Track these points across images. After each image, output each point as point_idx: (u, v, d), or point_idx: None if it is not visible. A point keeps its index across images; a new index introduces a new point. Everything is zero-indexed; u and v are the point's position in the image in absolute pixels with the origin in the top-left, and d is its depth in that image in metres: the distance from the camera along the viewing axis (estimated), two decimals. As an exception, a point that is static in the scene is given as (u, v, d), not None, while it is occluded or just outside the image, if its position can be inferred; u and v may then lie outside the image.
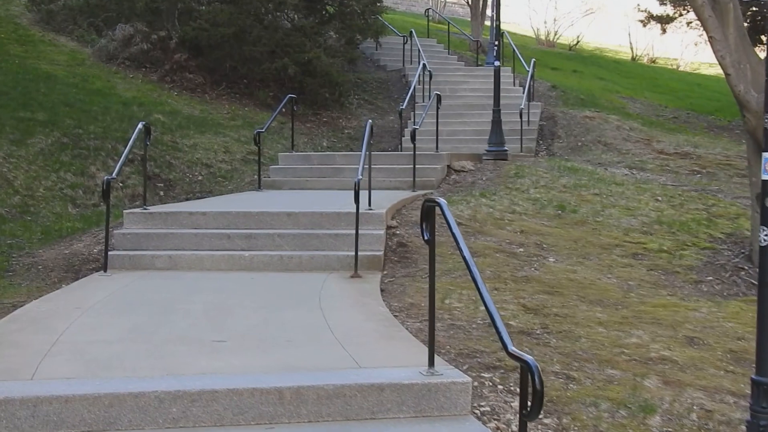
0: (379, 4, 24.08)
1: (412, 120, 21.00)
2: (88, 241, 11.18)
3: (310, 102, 21.70)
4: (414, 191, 14.31)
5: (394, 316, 7.99)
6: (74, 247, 10.94)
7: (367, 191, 11.35)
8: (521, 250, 11.00)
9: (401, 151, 18.87)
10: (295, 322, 7.35)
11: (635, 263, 10.93)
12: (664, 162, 18.92)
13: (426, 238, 5.78)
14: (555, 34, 43.91)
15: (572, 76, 31.73)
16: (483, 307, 8.36)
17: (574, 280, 9.86)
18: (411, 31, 26.95)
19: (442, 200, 5.70)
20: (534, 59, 23.58)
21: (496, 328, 4.83)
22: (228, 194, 14.98)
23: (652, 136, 21.72)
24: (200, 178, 16.19)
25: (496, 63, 18.03)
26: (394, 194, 13.60)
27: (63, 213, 13.27)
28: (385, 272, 9.97)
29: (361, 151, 17.99)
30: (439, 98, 17.29)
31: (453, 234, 5.53)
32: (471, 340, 7.35)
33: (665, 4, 29.45)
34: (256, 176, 16.17)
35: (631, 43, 44.79)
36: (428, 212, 5.77)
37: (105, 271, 9.75)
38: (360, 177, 10.17)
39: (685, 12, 28.77)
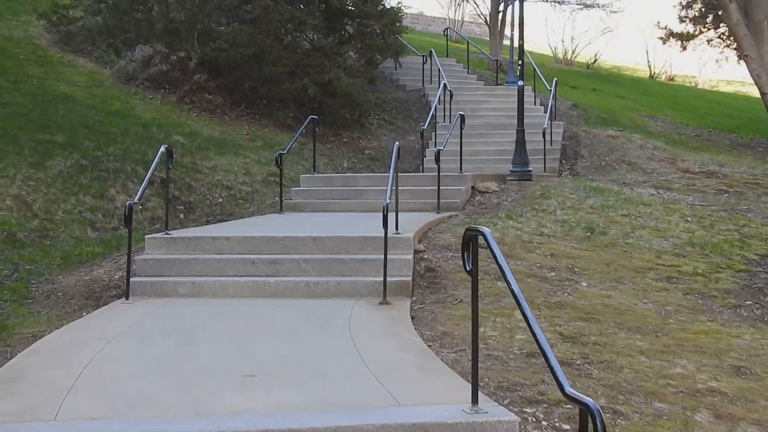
0: (398, 24, 23.84)
1: (433, 140, 20.77)
2: (108, 267, 10.92)
3: (330, 122, 21.47)
4: (439, 213, 14.02)
5: (428, 345, 7.71)
6: (95, 273, 10.68)
7: (393, 214, 11.04)
8: (553, 274, 10.70)
9: (423, 171, 18.62)
10: (326, 353, 7.07)
11: (670, 287, 10.60)
12: (690, 181, 18.59)
13: (468, 269, 5.51)
14: (573, 53, 43.67)
15: (591, 94, 31.46)
16: (519, 336, 8.14)
17: (609, 306, 9.54)
18: (431, 51, 26.73)
19: (485, 229, 5.43)
20: (555, 78, 23.31)
21: (551, 367, 4.55)
22: (250, 217, 14.72)
23: (676, 155, 21.41)
24: (221, 200, 15.95)
25: (520, 82, 17.76)
26: (418, 216, 13.32)
27: (82, 237, 13.03)
28: (414, 298, 9.68)
29: (384, 173, 17.80)
30: (462, 118, 17.04)
31: (500, 267, 5.26)
32: (510, 372, 7.05)
33: (685, 22, 29.16)
34: (277, 198, 15.93)
35: (648, 61, 44.57)
36: (470, 241, 5.49)
37: (127, 298, 9.49)
38: (388, 200, 9.88)
39: (705, 30, 28.47)
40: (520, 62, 18.04)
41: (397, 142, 11.95)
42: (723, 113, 31.97)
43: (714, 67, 40.25)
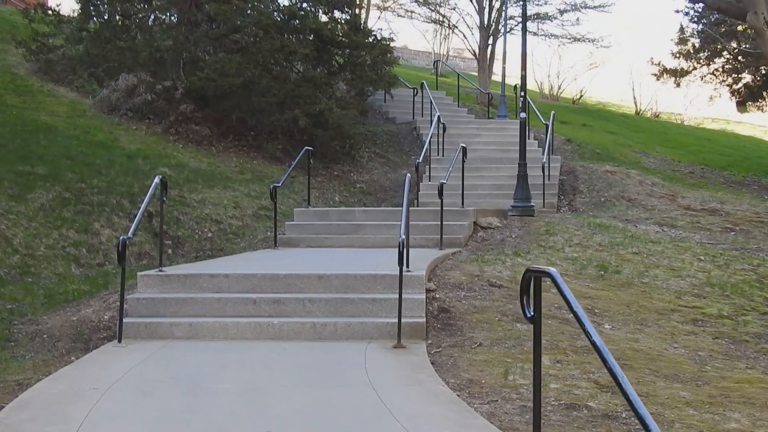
0: (389, 56, 23.22)
1: (427, 174, 20.17)
2: (97, 306, 10.14)
3: (321, 155, 20.75)
4: (442, 249, 13.35)
5: (456, 395, 7.00)
6: (82, 313, 9.90)
7: (402, 251, 10.34)
8: (572, 315, 10.01)
9: (417, 206, 17.92)
10: (348, 407, 6.35)
11: (698, 330, 9.96)
12: (693, 219, 18.02)
13: (529, 315, 4.83)
14: (559, 88, 43.32)
15: (582, 129, 30.97)
16: (553, 386, 7.45)
17: (639, 351, 8.88)
18: (422, 83, 26.17)
19: (553, 270, 4.78)
20: (553, 112, 22.79)
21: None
22: (243, 253, 13.98)
23: (675, 192, 20.86)
24: (210, 235, 15.22)
25: (522, 114, 17.20)
26: (421, 253, 12.61)
27: (66, 274, 12.25)
28: (429, 342, 8.98)
29: (381, 207, 17.17)
30: (464, 151, 16.40)
31: (578, 317, 4.61)
32: (553, 427, 6.36)
33: (678, 58, 28.78)
34: (268, 233, 15.25)
35: (635, 98, 44.30)
36: (532, 284, 4.81)
37: (119, 341, 8.72)
38: (403, 236, 9.20)
39: (699, 66, 28.08)
40: (522, 93, 17.46)
41: (408, 174, 11.29)
42: (714, 151, 31.56)
43: (704, 104, 40.05)
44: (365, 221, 15.13)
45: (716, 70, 27.98)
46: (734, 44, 25.35)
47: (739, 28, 26.61)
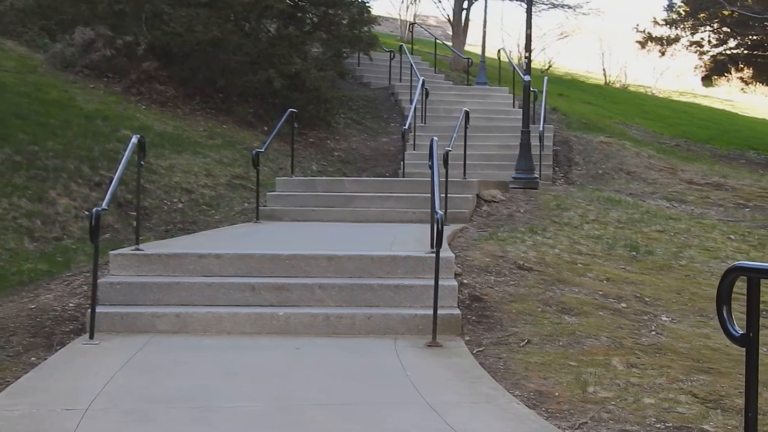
0: (367, 15, 21.53)
1: (412, 143, 18.57)
2: (58, 291, 8.45)
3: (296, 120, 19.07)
4: (446, 225, 11.73)
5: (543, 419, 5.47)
6: (41, 300, 8.18)
7: (442, 230, 8.79)
8: (623, 305, 8.59)
9: (404, 176, 16.33)
10: (414, 438, 4.79)
11: (769, 324, 8.54)
12: (701, 194, 16.71)
13: (737, 334, 3.28)
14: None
15: (560, 99, 29.52)
16: (648, 400, 5.93)
17: (717, 350, 7.44)
18: (401, 46, 24.60)
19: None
20: (546, 78, 21.35)
21: None
22: (223, 227, 12.26)
23: (673, 165, 19.56)
24: (180, 205, 13.53)
25: (527, 77, 15.60)
26: (425, 229, 11.03)
27: (19, 249, 10.51)
28: (467, 338, 7.45)
29: (371, 177, 15.58)
30: (467, 116, 14.84)
31: None
32: (676, 464, 4.87)
33: (664, 26, 27.45)
34: (245, 204, 13.70)
35: (604, 69, 43.12)
36: (734, 284, 3.28)
37: (91, 337, 7.04)
38: (440, 211, 7.64)
39: (685, 34, 26.76)
40: (527, 54, 15.98)
41: (435, 138, 9.72)
42: (692, 123, 30.42)
43: (672, 76, 38.91)
44: (356, 192, 13.55)
45: (702, 39, 26.67)
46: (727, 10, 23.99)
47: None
